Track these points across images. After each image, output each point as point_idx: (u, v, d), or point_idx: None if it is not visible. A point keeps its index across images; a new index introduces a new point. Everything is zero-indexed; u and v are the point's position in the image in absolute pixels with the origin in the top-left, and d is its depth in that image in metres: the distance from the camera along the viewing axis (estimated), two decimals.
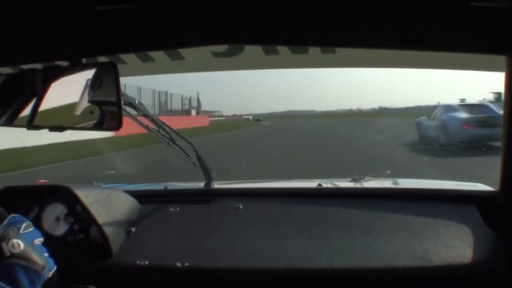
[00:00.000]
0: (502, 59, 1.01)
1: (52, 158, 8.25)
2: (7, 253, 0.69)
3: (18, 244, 0.71)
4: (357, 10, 0.66)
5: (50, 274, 0.76)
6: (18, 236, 0.72)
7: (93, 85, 0.82)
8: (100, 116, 0.83)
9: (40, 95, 0.86)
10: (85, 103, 0.84)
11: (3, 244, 0.70)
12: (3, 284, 0.67)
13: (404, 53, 1.20)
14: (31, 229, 0.77)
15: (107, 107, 0.82)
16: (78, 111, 0.84)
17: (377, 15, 0.66)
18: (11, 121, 0.91)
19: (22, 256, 0.71)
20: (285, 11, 0.66)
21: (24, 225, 0.75)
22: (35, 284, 0.72)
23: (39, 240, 0.77)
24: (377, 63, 1.46)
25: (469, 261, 1.04)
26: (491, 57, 1.08)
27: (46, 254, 0.77)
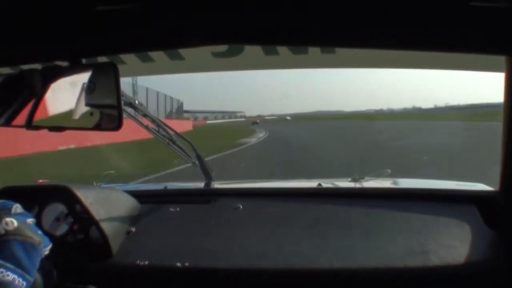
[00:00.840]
0: (502, 59, 1.01)
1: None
2: (2, 231, 0.70)
3: (12, 222, 0.71)
4: (357, 10, 0.66)
5: (47, 251, 0.76)
6: (11, 215, 0.72)
7: (93, 86, 0.82)
8: (100, 116, 0.83)
9: (39, 95, 0.86)
10: (85, 104, 0.84)
11: None
12: (1, 261, 0.67)
13: (404, 53, 1.20)
14: (22, 211, 0.77)
15: (107, 107, 0.82)
16: (78, 111, 0.84)
17: (377, 15, 0.66)
18: (10, 121, 0.91)
19: (17, 232, 0.71)
20: (285, 11, 0.66)
21: (14, 206, 0.75)
22: (33, 258, 0.72)
23: (31, 220, 0.77)
24: (377, 63, 1.46)
25: (469, 261, 1.04)
26: (491, 57, 1.08)
27: (40, 232, 0.76)
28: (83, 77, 0.82)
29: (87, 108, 0.84)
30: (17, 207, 0.76)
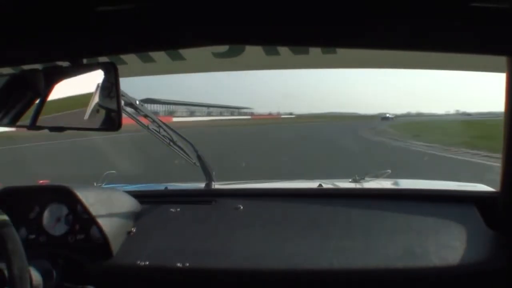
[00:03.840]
0: (502, 59, 1.01)
1: None
2: None
3: None
4: (358, 10, 0.66)
5: None
6: None
7: (93, 86, 0.82)
8: (100, 116, 0.83)
9: (42, 96, 0.86)
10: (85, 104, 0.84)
11: None
12: None
13: (404, 53, 1.20)
14: None
15: (107, 107, 0.82)
16: (79, 112, 0.84)
17: (377, 16, 0.66)
18: (13, 122, 0.91)
19: None
20: (285, 11, 0.66)
21: None
22: None
23: None
24: (377, 64, 1.46)
25: (469, 261, 1.04)
26: (491, 58, 1.08)
27: None
28: (84, 77, 0.82)
29: (87, 109, 0.84)
30: None
